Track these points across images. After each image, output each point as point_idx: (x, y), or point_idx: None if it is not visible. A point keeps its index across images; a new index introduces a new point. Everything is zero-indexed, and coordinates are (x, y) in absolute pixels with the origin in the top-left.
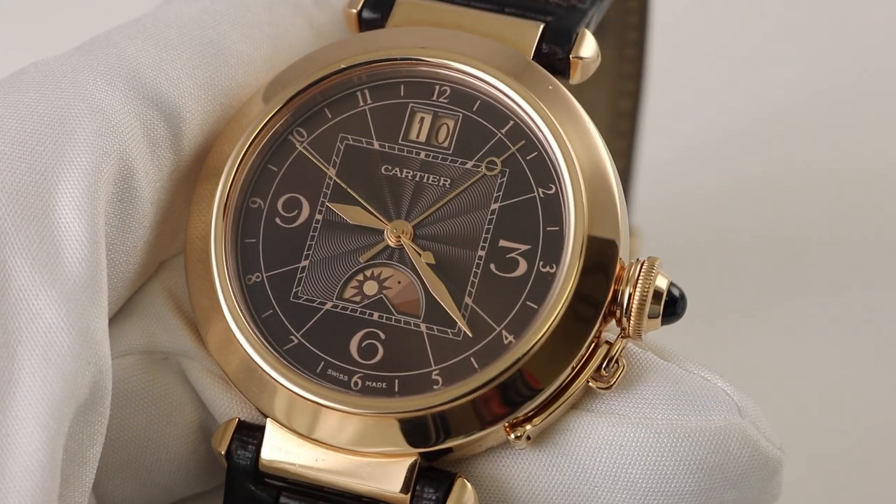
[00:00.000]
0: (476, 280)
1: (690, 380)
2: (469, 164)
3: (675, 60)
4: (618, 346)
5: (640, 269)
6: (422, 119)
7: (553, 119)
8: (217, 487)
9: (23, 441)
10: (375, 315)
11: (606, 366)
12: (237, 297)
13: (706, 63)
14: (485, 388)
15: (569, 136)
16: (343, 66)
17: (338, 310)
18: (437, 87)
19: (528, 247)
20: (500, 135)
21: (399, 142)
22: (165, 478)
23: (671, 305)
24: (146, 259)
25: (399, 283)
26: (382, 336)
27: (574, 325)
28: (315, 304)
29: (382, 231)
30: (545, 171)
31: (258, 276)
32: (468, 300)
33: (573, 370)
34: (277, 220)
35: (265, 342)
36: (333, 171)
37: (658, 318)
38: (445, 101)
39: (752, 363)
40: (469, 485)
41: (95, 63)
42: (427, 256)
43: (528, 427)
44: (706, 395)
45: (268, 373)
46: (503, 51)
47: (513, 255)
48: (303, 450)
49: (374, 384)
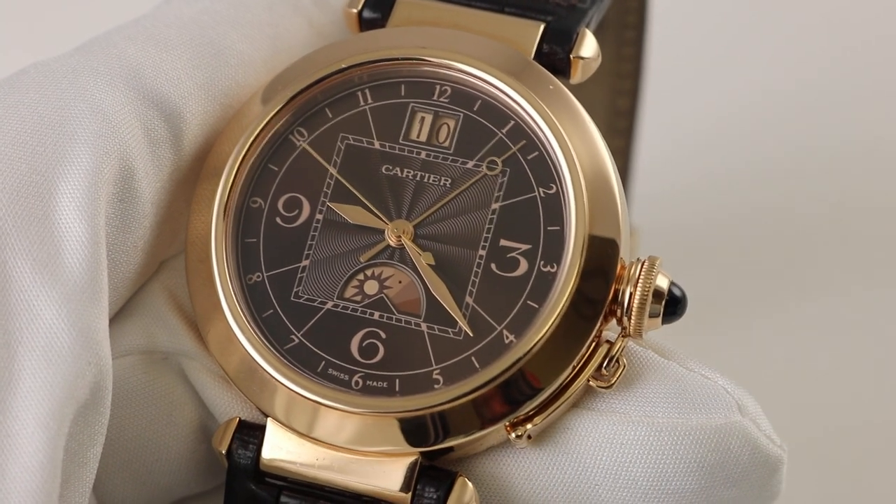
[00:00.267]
0: (477, 279)
1: (691, 378)
2: (470, 164)
3: (674, 59)
4: (618, 346)
5: (641, 269)
6: (422, 119)
7: (554, 119)
8: (217, 487)
9: (23, 442)
10: (376, 314)
11: (607, 365)
12: (238, 297)
13: (704, 61)
14: (486, 388)
15: (570, 136)
16: (344, 66)
17: (338, 309)
18: (438, 87)
19: (529, 246)
20: (501, 134)
21: (400, 141)
22: (166, 478)
23: (672, 305)
24: (146, 259)
25: (400, 283)
26: (383, 335)
27: (575, 325)
28: (316, 304)
29: (383, 231)
30: (546, 171)
31: (259, 276)
32: (469, 300)
33: (574, 369)
34: (278, 220)
35: (266, 342)
36: (335, 170)
37: (659, 318)
38: (446, 101)
39: (752, 361)
40: (470, 484)
41: (95, 63)
42: (427, 257)
43: (529, 426)
44: (707, 394)
45: (268, 372)
46: (504, 50)
47: (513, 255)
48: (303, 449)
49: (375, 384)
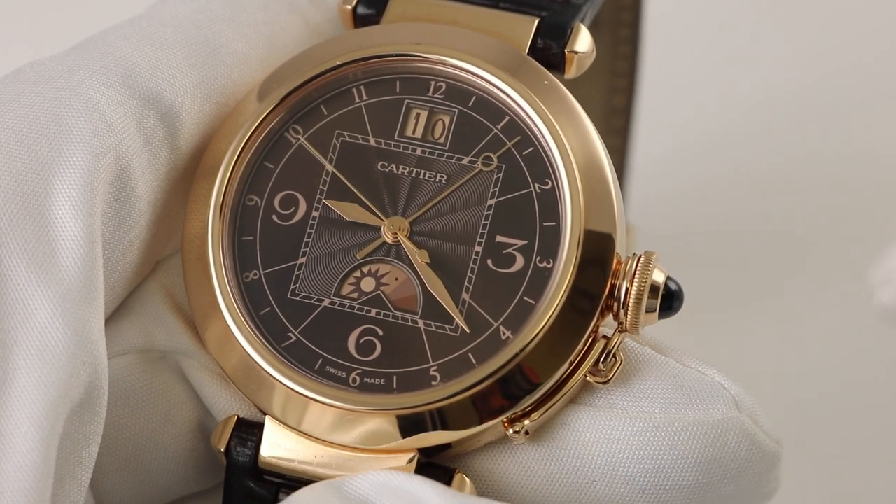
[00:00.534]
0: (473, 276)
1: (688, 374)
2: (465, 160)
3: (669, 57)
4: (615, 341)
5: (637, 264)
6: (417, 115)
7: (549, 114)
8: (216, 486)
9: (17, 441)
10: (373, 312)
11: (604, 360)
12: (235, 295)
13: (700, 59)
14: (483, 384)
15: (564, 131)
16: (338, 63)
17: (335, 307)
18: (433, 83)
19: (525, 242)
20: (496, 130)
21: (395, 138)
22: (164, 476)
23: (668, 300)
24: (143, 258)
25: (396, 280)
26: (380, 332)
27: (572, 320)
28: (313, 302)
29: (379, 228)
30: (541, 166)
31: (256, 274)
32: (465, 296)
33: (571, 365)
34: (274, 218)
35: (263, 340)
36: (331, 167)
37: (655, 313)
38: (441, 97)
39: (749, 357)
40: (468, 480)
41: (91, 63)
42: (422, 255)
43: (527, 422)
44: (704, 389)
45: (266, 370)
46: (498, 46)
47: (509, 251)
48: (301, 446)
49: (373, 381)
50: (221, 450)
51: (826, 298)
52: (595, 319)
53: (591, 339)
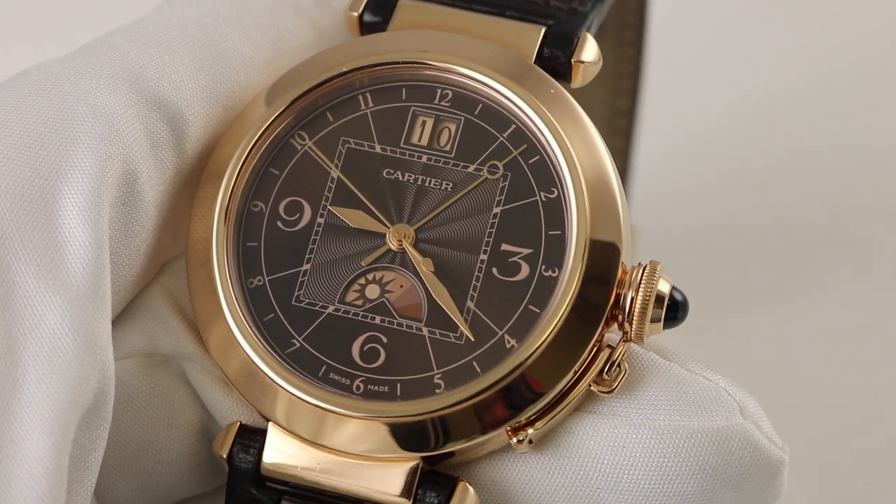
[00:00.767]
0: (478, 284)
1: (692, 380)
2: (471, 168)
3: (673, 59)
4: (620, 351)
5: (643, 274)
6: (423, 123)
7: (555, 123)
8: (218, 488)
9: (28, 447)
10: (377, 319)
11: (608, 370)
12: (239, 301)
13: (704, 61)
14: (487, 393)
15: (571, 140)
16: (345, 70)
17: (340, 313)
18: (439, 91)
19: (531, 250)
20: (502, 138)
21: (401, 145)
22: (166, 479)
23: (673, 310)
24: (148, 262)
25: (401, 287)
26: (384, 340)
27: (576, 330)
28: (317, 308)
29: (384, 235)
30: (547, 175)
31: (260, 280)
32: (470, 304)
33: (575, 374)
34: (279, 224)
35: (267, 346)
36: (336, 174)
37: (660, 323)
38: (447, 105)
39: (753, 362)
40: (471, 488)
41: (98, 66)
42: (427, 264)
43: (531, 431)
44: (708, 396)
45: (269, 376)
46: (505, 54)
47: (515, 259)
48: (304, 453)
49: (377, 388)
50: (224, 456)
51: (830, 301)
52: (600, 329)
53: (596, 349)
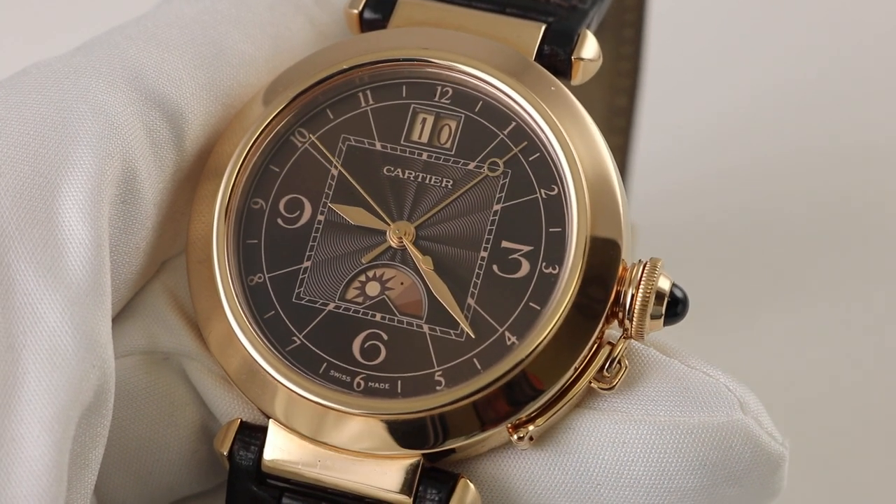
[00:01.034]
0: (478, 281)
1: (693, 376)
2: (471, 165)
3: (672, 57)
4: (620, 347)
5: (643, 271)
6: (424, 120)
7: (555, 120)
8: (218, 486)
9: (28, 445)
10: (378, 316)
11: (609, 367)
12: (239, 298)
13: (702, 59)
14: (488, 390)
15: (571, 138)
16: (345, 67)
17: (340, 311)
18: (439, 88)
19: (531, 248)
20: (503, 136)
21: (401, 143)
22: (166, 477)
23: (673, 307)
24: (148, 260)
25: (402, 284)
26: (385, 337)
27: (577, 327)
28: (317, 305)
29: (385, 232)
30: (547, 172)
31: (260, 277)
32: (471, 301)
33: (576, 371)
34: (279, 221)
35: (267, 343)
36: (336, 171)
37: (660, 320)
38: (447, 102)
39: (753, 357)
40: (472, 485)
41: (97, 64)
42: (427, 262)
43: (531, 428)
44: (708, 392)
45: (270, 373)
46: (505, 52)
47: (515, 256)
48: (305, 450)
49: (377, 385)
50: (224, 453)
51: (830, 297)
52: (600, 326)
53: (597, 346)
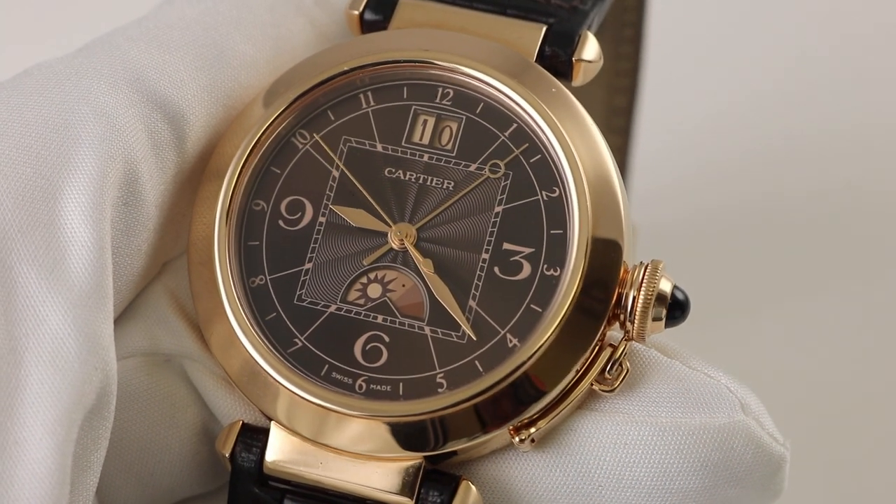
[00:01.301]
0: (480, 283)
1: (694, 377)
2: (472, 167)
3: (671, 57)
4: (621, 349)
5: (644, 273)
6: (425, 121)
7: (556, 122)
8: (219, 489)
9: (31, 449)
10: (379, 318)
11: (610, 369)
12: (241, 300)
13: (702, 59)
14: (490, 392)
15: (572, 139)
16: (346, 69)
17: (342, 313)
18: (441, 90)
19: (532, 250)
20: (504, 137)
21: (402, 144)
22: (168, 479)
23: (675, 309)
24: (150, 262)
25: (403, 286)
26: (387, 339)
27: (578, 329)
28: (319, 307)
29: (386, 234)
30: (549, 174)
31: (262, 279)
32: (472, 303)
33: (577, 373)
34: (281, 223)
35: (269, 345)
36: (337, 173)
37: (662, 321)
38: (449, 104)
39: (752, 359)
40: (473, 487)
41: (99, 66)
42: (427, 265)
43: (533, 430)
44: (710, 393)
45: (271, 375)
46: (506, 53)
47: (517, 258)
48: (307, 452)
49: (379, 387)
50: (226, 455)
51: (830, 297)
52: (602, 328)
53: (598, 348)
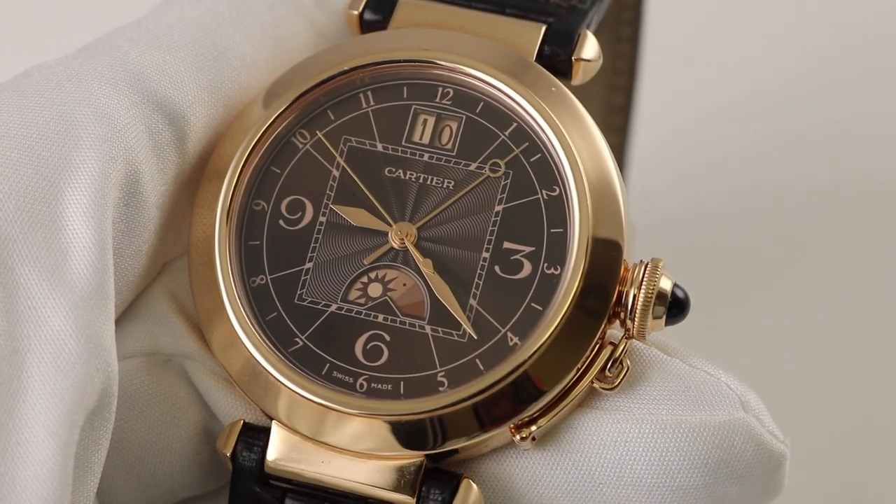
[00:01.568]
0: (480, 282)
1: (694, 375)
2: (473, 166)
3: (669, 55)
4: (622, 348)
5: (645, 271)
6: (425, 121)
7: (556, 121)
8: (219, 489)
9: (33, 450)
10: (380, 317)
11: (611, 367)
12: (241, 299)
13: (699, 57)
14: (490, 390)
15: (572, 138)
16: (346, 68)
17: (342, 312)
18: (441, 89)
19: (533, 248)
20: (504, 137)
21: (402, 144)
22: (168, 479)
23: (675, 307)
24: (151, 262)
25: (404, 286)
26: (387, 338)
27: (579, 327)
28: (320, 307)
29: (386, 233)
30: (549, 173)
31: (262, 279)
32: (473, 302)
33: (578, 371)
34: (281, 223)
35: (270, 344)
36: (337, 172)
37: (662, 320)
38: (449, 103)
39: (753, 357)
40: (475, 485)
41: (99, 67)
42: (427, 265)
43: (534, 428)
44: (710, 391)
45: (272, 375)
46: (505, 52)
47: (517, 257)
48: (308, 451)
49: (380, 386)
50: (227, 454)
51: (829, 295)
52: (602, 326)
53: (598, 346)
